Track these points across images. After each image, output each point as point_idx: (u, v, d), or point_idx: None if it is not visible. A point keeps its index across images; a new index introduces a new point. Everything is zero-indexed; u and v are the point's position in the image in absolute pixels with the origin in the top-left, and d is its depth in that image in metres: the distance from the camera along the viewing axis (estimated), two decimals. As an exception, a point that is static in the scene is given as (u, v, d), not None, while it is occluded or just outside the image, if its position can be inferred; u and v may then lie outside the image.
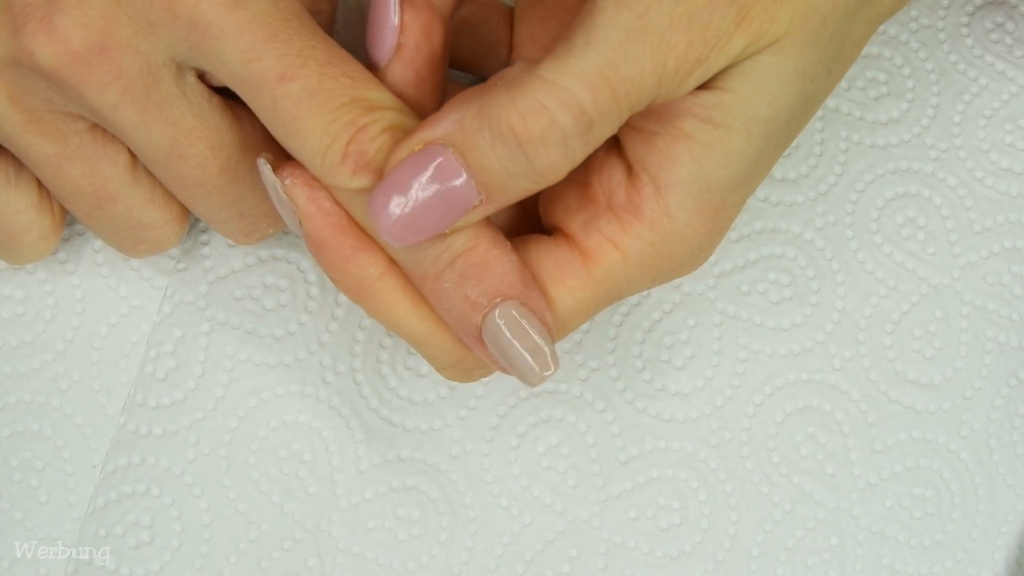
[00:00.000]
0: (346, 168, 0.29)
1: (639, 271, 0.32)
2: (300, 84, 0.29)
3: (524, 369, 0.31)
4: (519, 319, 0.30)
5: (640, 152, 0.31)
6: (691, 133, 0.30)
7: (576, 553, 0.38)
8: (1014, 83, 0.41)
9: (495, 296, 0.30)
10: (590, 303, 0.32)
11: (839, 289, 0.40)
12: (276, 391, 0.38)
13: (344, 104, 0.29)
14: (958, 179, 0.41)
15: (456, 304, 0.30)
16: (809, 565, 0.39)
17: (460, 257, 0.30)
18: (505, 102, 0.28)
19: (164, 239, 0.34)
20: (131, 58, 0.29)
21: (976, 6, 0.42)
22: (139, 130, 0.30)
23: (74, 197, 0.32)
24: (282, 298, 0.38)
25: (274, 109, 0.29)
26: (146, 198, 0.33)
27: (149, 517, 0.37)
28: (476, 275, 0.30)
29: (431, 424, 0.38)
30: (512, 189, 0.29)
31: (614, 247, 0.31)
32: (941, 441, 0.40)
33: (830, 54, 0.31)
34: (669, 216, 0.31)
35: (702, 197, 0.31)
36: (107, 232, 0.34)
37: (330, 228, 0.31)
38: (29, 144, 0.31)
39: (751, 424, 0.39)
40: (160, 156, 0.31)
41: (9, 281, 0.38)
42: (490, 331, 0.30)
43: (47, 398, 0.37)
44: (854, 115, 0.41)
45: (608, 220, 0.31)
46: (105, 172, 0.32)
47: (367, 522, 0.38)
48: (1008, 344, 0.40)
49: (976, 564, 0.40)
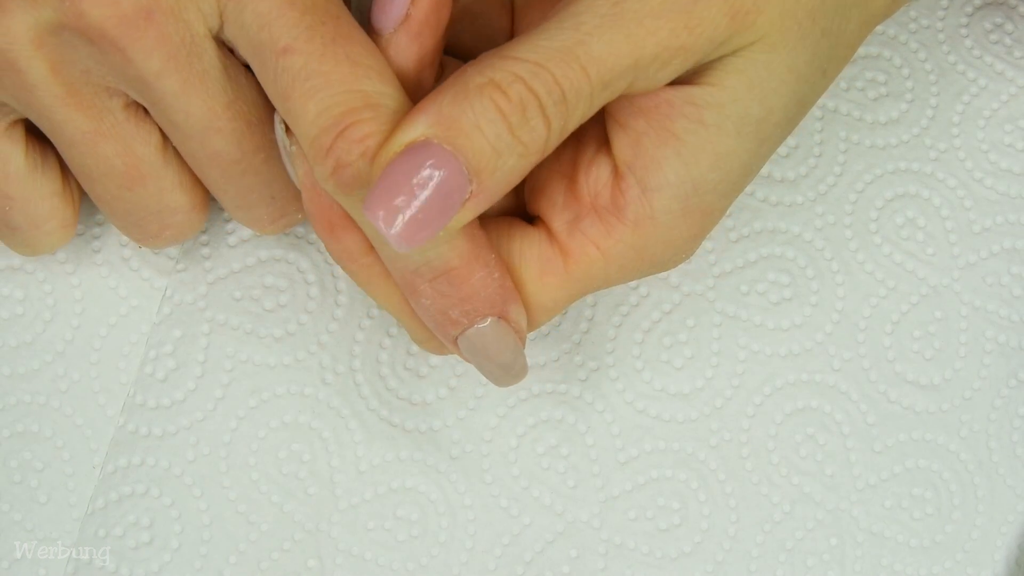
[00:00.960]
0: (327, 165, 0.29)
1: (618, 271, 0.32)
2: (301, 60, 0.29)
3: (496, 377, 0.32)
4: (495, 336, 0.31)
5: (627, 153, 0.31)
6: (680, 135, 0.30)
7: (576, 554, 0.38)
8: (1013, 84, 0.41)
9: (475, 316, 0.31)
10: (565, 300, 0.32)
11: (839, 290, 0.40)
12: (276, 392, 0.38)
13: (338, 94, 0.29)
14: (957, 180, 0.41)
15: (434, 315, 0.31)
16: (809, 566, 0.39)
17: (440, 277, 0.30)
18: (481, 81, 0.28)
19: (188, 225, 0.34)
20: (175, 25, 0.29)
21: (975, 7, 0.42)
22: (180, 100, 0.30)
23: (105, 178, 0.32)
24: (282, 299, 0.38)
25: (275, 83, 0.30)
26: (175, 181, 0.33)
27: (149, 518, 0.37)
28: (456, 295, 0.30)
29: (431, 425, 0.38)
30: (501, 170, 0.29)
31: (596, 248, 0.31)
32: (941, 442, 0.40)
33: (823, 53, 0.31)
34: (653, 219, 0.31)
35: (689, 200, 0.31)
36: (131, 218, 0.34)
37: (318, 203, 0.31)
38: (66, 119, 0.31)
39: (751, 425, 0.39)
40: (198, 130, 0.31)
41: (9, 281, 0.38)
42: (466, 342, 0.31)
43: (47, 399, 0.37)
44: (853, 115, 0.41)
45: (592, 222, 0.32)
46: (138, 151, 0.32)
47: (367, 523, 0.38)
48: (1008, 345, 0.40)
49: (976, 565, 0.40)
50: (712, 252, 0.40)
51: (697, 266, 0.40)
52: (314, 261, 0.38)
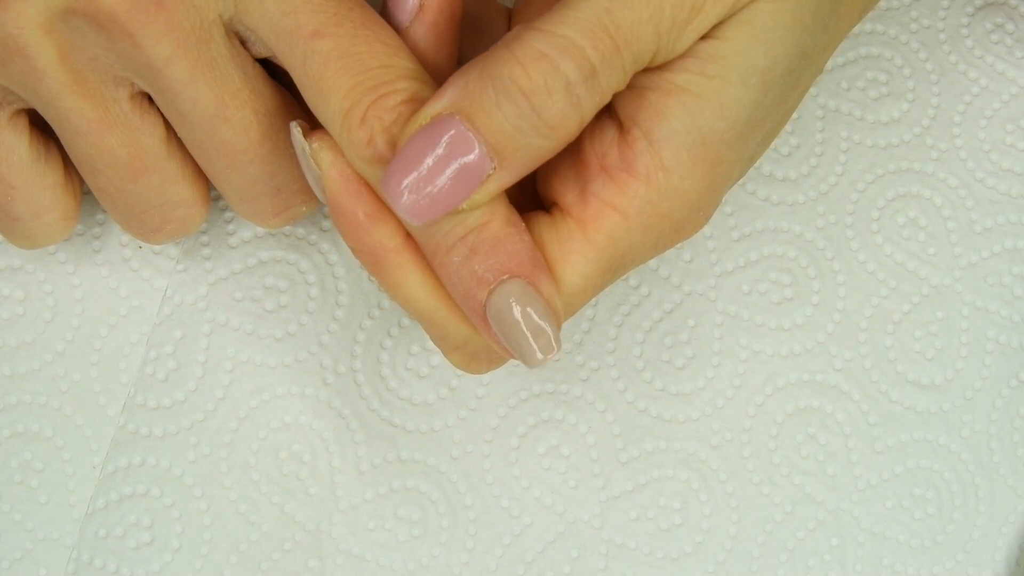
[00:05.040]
0: (363, 134, 0.29)
1: (640, 232, 0.31)
2: (332, 43, 0.29)
3: (525, 350, 0.30)
4: (524, 299, 0.30)
5: (631, 108, 0.30)
6: (684, 86, 0.30)
7: (577, 554, 0.38)
8: (1014, 84, 0.41)
9: (502, 273, 0.30)
10: (596, 276, 0.31)
11: (840, 289, 0.40)
12: (276, 392, 0.38)
13: (371, 69, 0.29)
14: (959, 179, 0.41)
15: (464, 279, 0.30)
16: (810, 566, 0.39)
17: (472, 232, 0.30)
18: (506, 57, 0.28)
19: (189, 220, 0.34)
20: (185, 11, 0.30)
21: (976, 7, 0.42)
22: (188, 88, 0.30)
23: (109, 168, 0.32)
24: (282, 299, 0.38)
25: (304, 66, 0.30)
26: (178, 174, 0.33)
27: (149, 518, 0.37)
28: (486, 251, 0.30)
29: (432, 425, 0.38)
30: (524, 150, 0.28)
31: (612, 209, 0.31)
32: (942, 442, 0.40)
33: (826, 8, 0.31)
34: (665, 170, 0.30)
35: (696, 150, 0.30)
36: (133, 211, 0.34)
37: (348, 194, 0.30)
38: (72, 107, 0.31)
39: (752, 424, 0.39)
40: (205, 118, 0.31)
41: (9, 281, 0.38)
42: (494, 308, 0.30)
43: (47, 399, 0.37)
44: (855, 115, 0.41)
45: (603, 183, 0.31)
46: (143, 143, 0.32)
47: (367, 523, 0.38)
48: (1009, 345, 0.40)
49: (976, 565, 0.40)
50: (713, 252, 0.40)
51: (698, 265, 0.40)
52: (315, 262, 0.38)
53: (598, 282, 0.32)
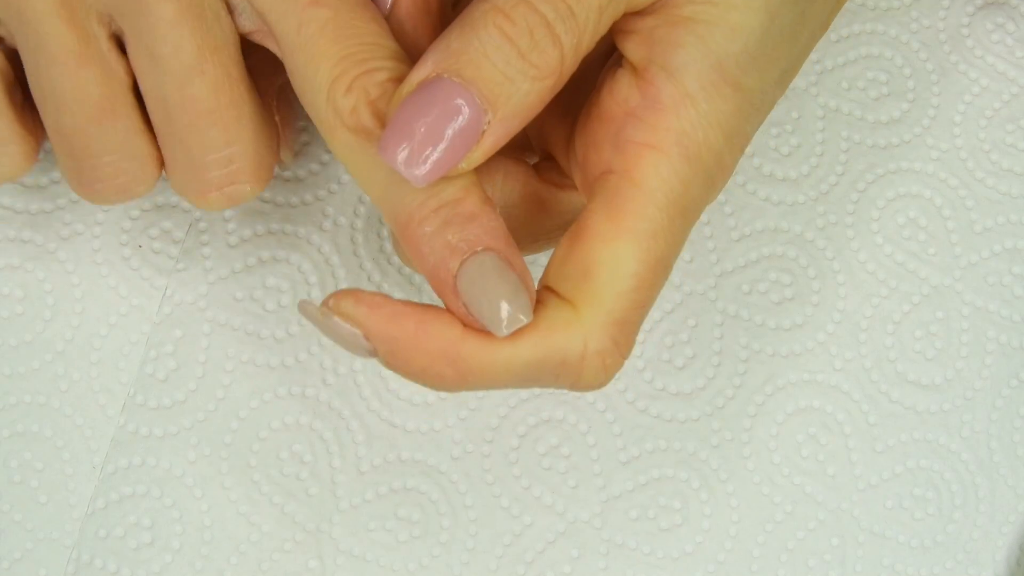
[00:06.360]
0: (347, 102, 0.29)
1: (684, 163, 0.30)
2: (330, 12, 0.30)
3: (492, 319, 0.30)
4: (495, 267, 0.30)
5: (643, 49, 0.31)
6: (691, 15, 0.30)
7: (577, 554, 0.38)
8: (1015, 84, 0.41)
9: (476, 244, 0.29)
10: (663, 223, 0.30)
11: (840, 289, 0.40)
12: (277, 392, 0.38)
13: (365, 43, 0.30)
14: (959, 179, 0.41)
15: (436, 248, 0.30)
16: (810, 566, 0.39)
17: (446, 205, 0.30)
18: (486, 8, 0.28)
19: (139, 179, 0.34)
20: None
21: (977, 7, 0.42)
22: (173, 30, 0.30)
23: (76, 104, 0.32)
24: (283, 299, 0.38)
25: (298, 32, 0.30)
26: (139, 127, 0.33)
27: (150, 518, 0.37)
28: (461, 223, 0.30)
29: (432, 425, 0.38)
30: (516, 96, 0.29)
31: (649, 148, 0.30)
32: (942, 442, 0.40)
33: None
34: (690, 97, 0.30)
35: (715, 73, 0.30)
36: (88, 155, 0.33)
37: (392, 319, 0.30)
38: (53, 31, 0.31)
39: (752, 424, 0.39)
40: (182, 67, 0.31)
41: (9, 281, 0.37)
42: (466, 277, 0.30)
43: (47, 399, 0.37)
44: (855, 115, 0.41)
45: (633, 126, 0.31)
46: (114, 85, 0.32)
47: (368, 523, 0.38)
48: (1009, 345, 0.40)
49: (977, 565, 0.40)
50: (713, 252, 0.40)
51: (699, 265, 0.40)
52: (315, 262, 0.38)
53: (668, 228, 0.31)
